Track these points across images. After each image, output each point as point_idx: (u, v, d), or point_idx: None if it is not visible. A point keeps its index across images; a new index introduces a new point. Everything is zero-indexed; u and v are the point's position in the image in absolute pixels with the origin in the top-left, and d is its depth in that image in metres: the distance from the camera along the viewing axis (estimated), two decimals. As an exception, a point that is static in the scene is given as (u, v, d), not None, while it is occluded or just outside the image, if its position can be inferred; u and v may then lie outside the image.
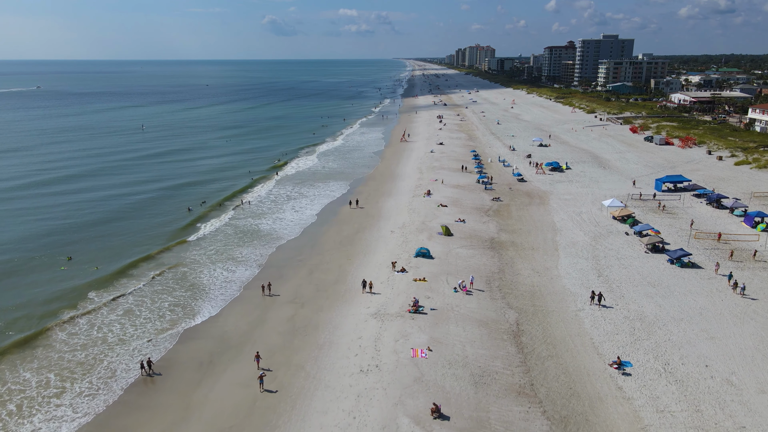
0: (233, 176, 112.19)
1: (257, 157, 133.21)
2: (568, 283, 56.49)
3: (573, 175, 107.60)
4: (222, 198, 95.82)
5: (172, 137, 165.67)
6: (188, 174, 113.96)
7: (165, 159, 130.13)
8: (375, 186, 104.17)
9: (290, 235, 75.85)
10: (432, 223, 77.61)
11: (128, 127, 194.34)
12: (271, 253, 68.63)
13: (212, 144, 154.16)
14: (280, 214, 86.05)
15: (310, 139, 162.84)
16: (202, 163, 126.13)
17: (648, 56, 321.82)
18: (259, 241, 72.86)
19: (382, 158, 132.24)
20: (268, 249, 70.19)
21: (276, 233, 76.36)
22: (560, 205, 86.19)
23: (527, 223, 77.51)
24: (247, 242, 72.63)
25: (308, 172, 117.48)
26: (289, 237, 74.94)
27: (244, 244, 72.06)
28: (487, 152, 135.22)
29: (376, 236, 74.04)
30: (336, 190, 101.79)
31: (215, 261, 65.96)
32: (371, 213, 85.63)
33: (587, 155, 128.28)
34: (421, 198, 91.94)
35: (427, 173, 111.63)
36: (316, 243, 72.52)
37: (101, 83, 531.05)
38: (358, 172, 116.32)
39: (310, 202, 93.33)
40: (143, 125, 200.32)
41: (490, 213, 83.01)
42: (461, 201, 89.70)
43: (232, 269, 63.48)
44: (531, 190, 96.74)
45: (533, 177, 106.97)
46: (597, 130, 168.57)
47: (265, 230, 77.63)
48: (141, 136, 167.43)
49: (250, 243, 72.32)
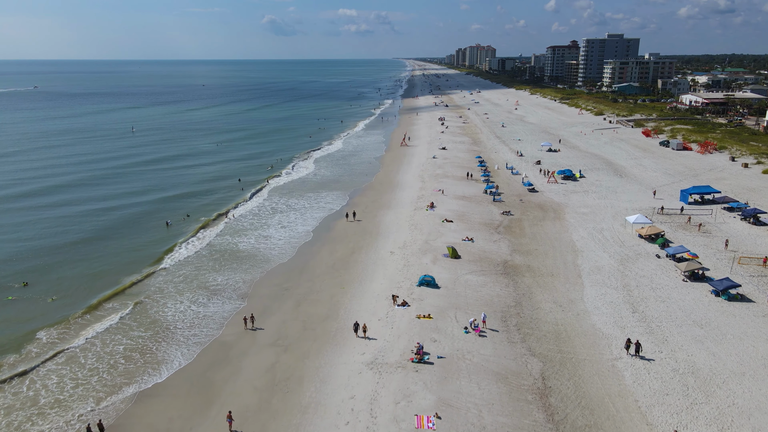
0: (222, 186, 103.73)
1: (249, 165, 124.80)
2: (599, 322, 48.15)
3: (588, 185, 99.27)
4: (207, 211, 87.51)
5: (160, 142, 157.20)
6: (173, 184, 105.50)
7: (150, 167, 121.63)
8: (374, 196, 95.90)
9: (277, 256, 67.50)
10: (437, 242, 69.29)
11: (117, 129, 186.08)
12: (253, 280, 60.31)
13: (203, 149, 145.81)
14: (268, 230, 77.70)
15: (306, 144, 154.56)
16: (190, 171, 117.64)
17: (655, 56, 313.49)
18: (241, 265, 64.50)
19: (381, 165, 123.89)
20: (250, 274, 61.88)
21: (261, 254, 68.01)
22: (578, 221, 77.85)
23: (543, 243, 69.18)
24: (227, 267, 64.27)
25: (302, 181, 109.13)
26: (276, 259, 66.58)
27: (224, 268, 63.72)
28: (493, 158, 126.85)
29: (373, 258, 65.74)
30: (331, 201, 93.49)
31: (187, 292, 57.54)
32: (369, 229, 77.33)
33: (600, 162, 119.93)
34: (423, 211, 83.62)
35: (429, 182, 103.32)
36: (306, 266, 64.21)
37: (97, 83, 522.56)
38: (356, 181, 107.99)
39: (301, 216, 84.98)
40: (133, 128, 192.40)
41: (501, 230, 74.68)
42: (468, 215, 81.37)
43: (206, 302, 55.09)
44: (544, 202, 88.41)
45: (545, 187, 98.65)
46: (607, 133, 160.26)
47: (250, 251, 69.26)
48: (129, 141, 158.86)
49: (231, 267, 63.97)
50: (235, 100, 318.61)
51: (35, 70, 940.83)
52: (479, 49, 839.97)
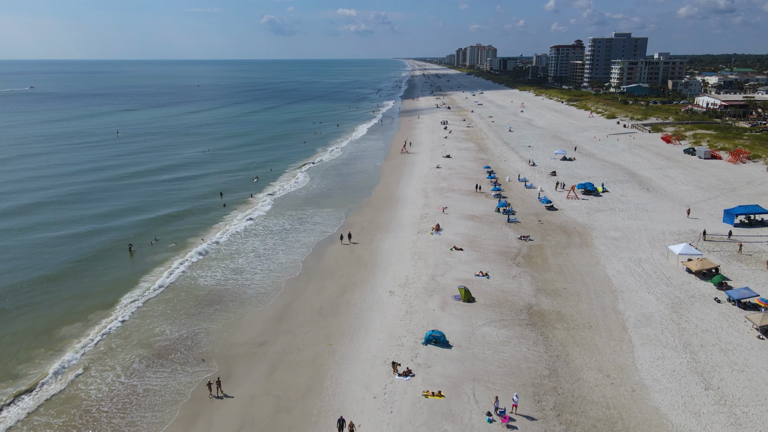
0: (201, 204, 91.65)
1: (234, 177, 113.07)
2: (663, 404, 36.77)
3: (612, 201, 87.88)
4: (179, 235, 76.10)
5: (143, 151, 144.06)
6: (148, 203, 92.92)
7: (128, 181, 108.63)
8: (371, 214, 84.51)
9: (253, 297, 56.08)
10: (445, 277, 57.93)
11: (102, 135, 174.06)
12: (218, 332, 48.85)
13: (187, 158, 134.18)
14: (245, 261, 66.23)
15: (300, 151, 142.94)
16: (169, 186, 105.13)
17: (665, 56, 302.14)
18: (204, 311, 53.03)
19: (380, 176, 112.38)
20: (216, 323, 50.46)
21: (234, 295, 56.59)
22: (609, 248, 66.44)
23: (572, 279, 57.81)
24: (187, 314, 52.81)
25: (292, 197, 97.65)
26: (251, 301, 55.16)
27: (182, 316, 52.27)
28: (503, 168, 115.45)
29: (369, 300, 54.34)
30: (322, 221, 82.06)
31: (125, 351, 46.13)
32: (365, 257, 65.95)
33: (622, 172, 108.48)
34: (428, 235, 72.24)
35: (433, 197, 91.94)
36: (287, 311, 52.83)
37: (91, 84, 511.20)
38: (352, 196, 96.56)
39: (287, 241, 73.53)
40: (118, 132, 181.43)
41: (520, 260, 63.27)
42: (480, 241, 69.96)
43: (149, 369, 43.62)
44: (566, 223, 76.99)
45: (564, 203, 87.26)
46: (623, 138, 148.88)
47: (220, 292, 57.77)
48: (111, 149, 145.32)
49: (192, 315, 52.50)
50: (228, 102, 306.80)
51: (33, 70, 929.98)
52: (480, 48, 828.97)
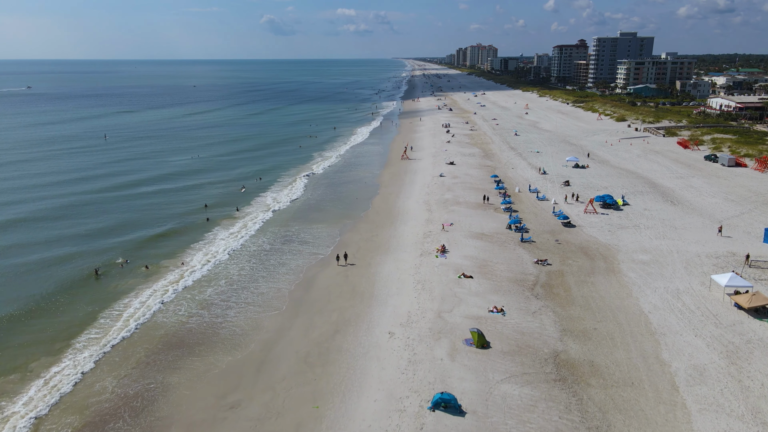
0: (183, 219, 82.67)
1: (223, 187, 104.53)
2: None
3: (635, 215, 79.65)
4: (155, 255, 67.95)
5: (129, 159, 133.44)
6: (127, 219, 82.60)
7: (109, 194, 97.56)
8: (369, 231, 76.31)
9: (226, 340, 47.75)
10: (453, 314, 49.74)
11: (90, 138, 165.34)
12: (180, 393, 40.55)
13: (174, 165, 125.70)
14: (219, 291, 57.95)
15: (293, 157, 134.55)
16: (151, 200, 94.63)
17: (672, 55, 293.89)
18: (165, 360, 44.68)
19: (379, 186, 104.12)
20: (177, 376, 42.22)
21: (201, 337, 48.27)
22: (640, 275, 58.24)
23: (602, 315, 49.60)
24: (145, 364, 44.50)
25: (280, 211, 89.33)
26: (224, 345, 46.83)
27: (137, 368, 43.98)
28: (511, 177, 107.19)
29: (364, 343, 46.14)
30: (313, 239, 73.81)
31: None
32: (360, 286, 57.77)
33: (641, 182, 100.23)
34: (432, 258, 64.05)
35: (437, 211, 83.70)
36: (266, 359, 44.60)
37: (88, 84, 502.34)
38: (348, 210, 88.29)
39: (269, 266, 65.25)
40: (106, 135, 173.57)
41: (539, 291, 55.06)
42: (492, 265, 61.74)
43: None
44: (586, 243, 68.74)
45: (582, 218, 79.03)
46: (637, 143, 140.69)
47: (183, 332, 49.34)
48: (94, 157, 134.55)
49: (150, 366, 44.18)
50: (222, 104, 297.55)
51: (31, 70, 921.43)
52: (480, 48, 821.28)
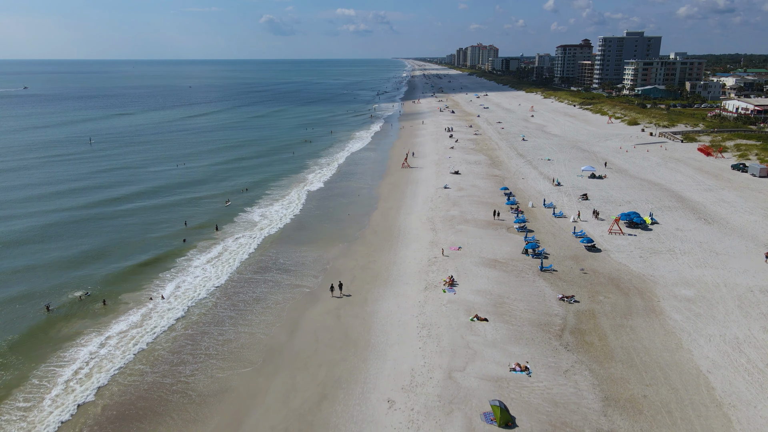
0: (159, 243, 72.47)
1: (206, 201, 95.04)
2: None
3: (667, 237, 70.34)
4: (116, 289, 58.73)
5: (110, 170, 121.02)
6: (98, 243, 73.00)
7: (79, 212, 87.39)
8: (366, 256, 67.08)
9: (178, 409, 38.47)
10: (467, 375, 40.47)
11: (74, 143, 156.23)
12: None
13: (158, 174, 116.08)
14: (176, 340, 48.71)
15: (285, 166, 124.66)
16: (126, 220, 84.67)
17: (681, 56, 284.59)
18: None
19: (378, 199, 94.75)
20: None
21: (144, 408, 38.96)
22: (687, 317, 48.98)
23: (650, 375, 40.33)
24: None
25: (266, 230, 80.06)
26: (173, 422, 37.53)
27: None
28: (522, 188, 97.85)
29: (357, 418, 36.90)
30: (300, 267, 64.46)
31: None
32: (354, 330, 48.56)
33: (667, 195, 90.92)
34: (439, 292, 54.83)
35: (443, 231, 74.38)
36: (234, 439, 35.37)
37: (84, 84, 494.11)
38: (342, 229, 78.88)
39: (245, 303, 55.97)
40: (91, 139, 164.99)
41: (568, 339, 45.78)
42: (509, 303, 52.47)
43: None
44: (616, 273, 59.45)
45: (607, 240, 69.75)
46: (654, 149, 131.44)
47: (121, 400, 40.14)
48: (74, 167, 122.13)
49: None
50: (215, 105, 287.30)
51: (30, 71, 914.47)
52: (481, 48, 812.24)
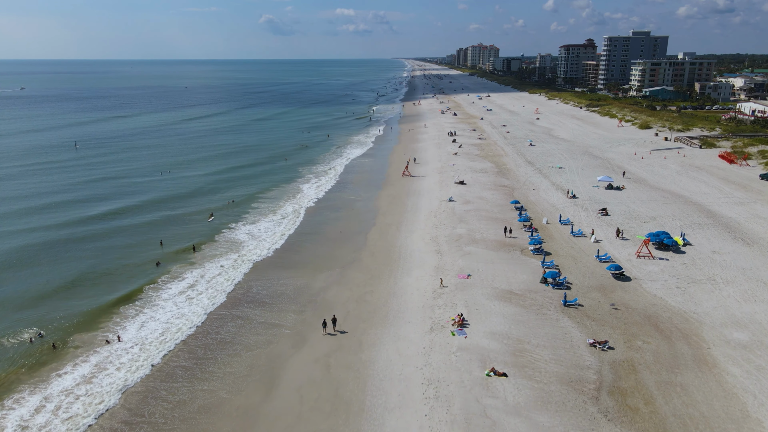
0: (129, 271, 63.48)
1: (188, 216, 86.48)
2: None
3: (703, 261, 62.06)
4: (75, 331, 50.48)
5: (91, 181, 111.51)
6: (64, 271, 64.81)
7: (49, 233, 78.04)
8: (362, 284, 58.82)
9: None
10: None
11: (58, 150, 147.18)
12: None
13: (140, 185, 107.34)
14: (135, 398, 40.44)
15: (276, 175, 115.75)
16: (97, 243, 75.37)
17: (690, 56, 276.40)
18: None
19: (376, 214, 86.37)
20: None
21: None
22: (746, 370, 40.72)
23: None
24: None
25: (248, 252, 71.65)
26: None
27: None
28: (534, 201, 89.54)
29: None
30: (282, 301, 56.13)
31: None
32: (346, 390, 40.32)
33: (693, 209, 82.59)
34: (446, 335, 46.57)
35: (449, 254, 66.09)
36: None
37: (81, 85, 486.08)
38: (334, 250, 70.47)
39: (221, 351, 47.67)
40: (76, 143, 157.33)
41: (607, 403, 37.45)
42: (530, 351, 44.16)
43: None
44: (653, 309, 51.12)
45: (636, 265, 61.43)
46: (671, 156, 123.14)
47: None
48: (52, 178, 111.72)
49: None
50: (209, 108, 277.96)
51: (28, 71, 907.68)
52: (482, 48, 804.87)
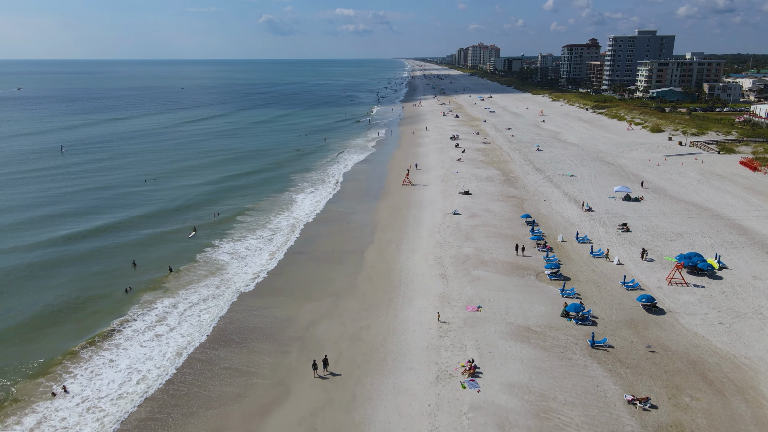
0: (95, 304, 55.88)
1: (167, 232, 79.15)
2: None
3: (744, 289, 54.75)
4: (26, 374, 43.29)
5: (68, 194, 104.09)
6: (24, 303, 59.41)
7: (12, 259, 73.81)
8: (358, 317, 51.53)
9: None
10: None
11: (45, 153, 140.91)
12: None
13: (124, 192, 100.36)
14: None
15: (268, 184, 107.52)
16: (66, 268, 68.38)
17: (698, 56, 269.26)
18: None
19: (374, 229, 78.95)
20: None
21: None
22: (822, 442, 33.46)
23: None
24: None
25: (229, 276, 64.27)
26: None
27: None
28: (546, 215, 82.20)
29: None
30: (262, 341, 48.81)
31: None
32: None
33: (722, 224, 75.18)
34: (456, 390, 39.29)
35: (455, 279, 58.77)
36: None
37: (77, 86, 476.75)
38: (327, 273, 63.07)
39: (183, 401, 40.37)
40: (62, 148, 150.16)
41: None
42: (557, 410, 36.84)
43: None
44: (696, 352, 43.82)
45: (668, 293, 54.13)
46: (688, 162, 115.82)
47: None
48: (31, 187, 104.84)
49: None
50: (204, 110, 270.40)
51: (27, 71, 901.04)
52: (482, 48, 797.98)
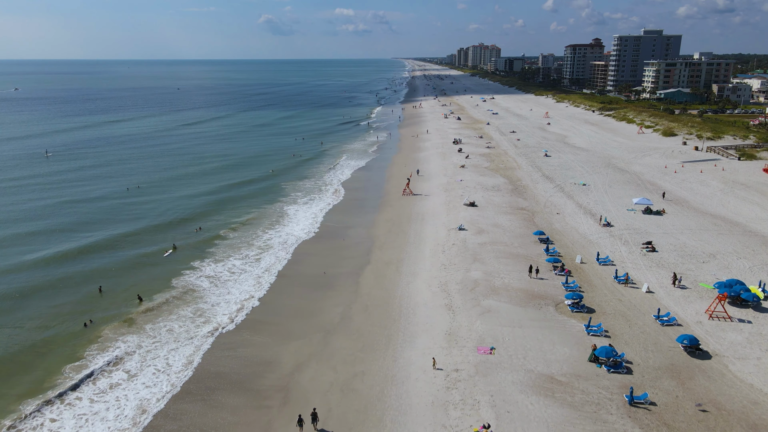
0: (50, 343, 49.12)
1: (141, 251, 71.93)
2: None
3: (797, 325, 47.43)
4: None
5: (43, 208, 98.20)
6: None
7: None
8: (351, 360, 44.21)
9: None
10: None
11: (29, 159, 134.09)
12: None
13: (102, 206, 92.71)
14: None
15: (260, 195, 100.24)
16: (30, 300, 61.27)
17: (707, 56, 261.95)
18: None
19: (372, 246, 71.53)
20: None
21: None
22: None
23: None
24: None
25: (207, 306, 56.89)
26: None
27: None
28: (560, 230, 74.77)
29: None
30: (247, 385, 41.43)
31: None
32: None
33: (759, 242, 67.73)
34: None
35: (463, 311, 51.38)
36: None
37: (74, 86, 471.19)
38: (317, 306, 55.53)
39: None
40: (47, 152, 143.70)
41: None
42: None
43: None
44: (756, 412, 36.44)
45: (709, 330, 46.82)
46: (707, 169, 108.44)
47: None
48: (10, 198, 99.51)
49: None
50: (200, 111, 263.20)
51: (26, 71, 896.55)
52: (483, 48, 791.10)
